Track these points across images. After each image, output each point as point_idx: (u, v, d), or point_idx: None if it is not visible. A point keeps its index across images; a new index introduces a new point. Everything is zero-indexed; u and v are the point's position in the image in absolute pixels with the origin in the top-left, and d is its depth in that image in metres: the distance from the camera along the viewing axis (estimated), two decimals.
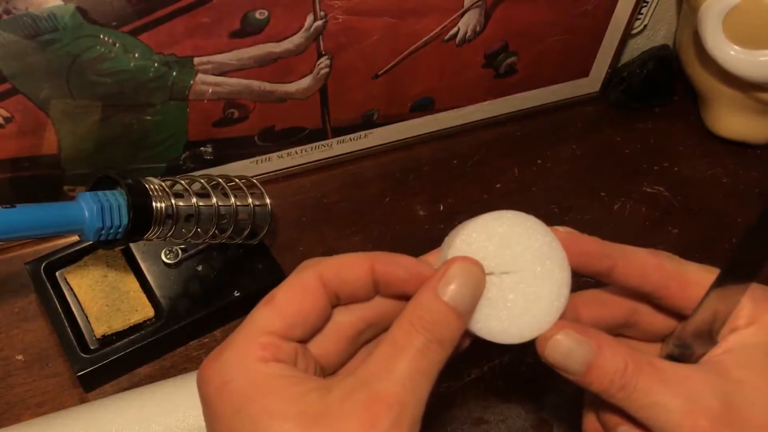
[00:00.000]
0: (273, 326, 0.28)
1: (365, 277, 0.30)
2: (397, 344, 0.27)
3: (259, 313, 0.28)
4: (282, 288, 0.29)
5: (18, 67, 0.45)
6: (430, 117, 0.64)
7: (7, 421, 0.46)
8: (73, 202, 0.40)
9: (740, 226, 0.62)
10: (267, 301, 0.29)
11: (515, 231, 0.29)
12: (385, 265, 0.30)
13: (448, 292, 0.28)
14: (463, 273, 0.28)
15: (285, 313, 0.28)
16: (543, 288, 0.29)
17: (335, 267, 0.29)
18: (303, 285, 0.29)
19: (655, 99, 0.71)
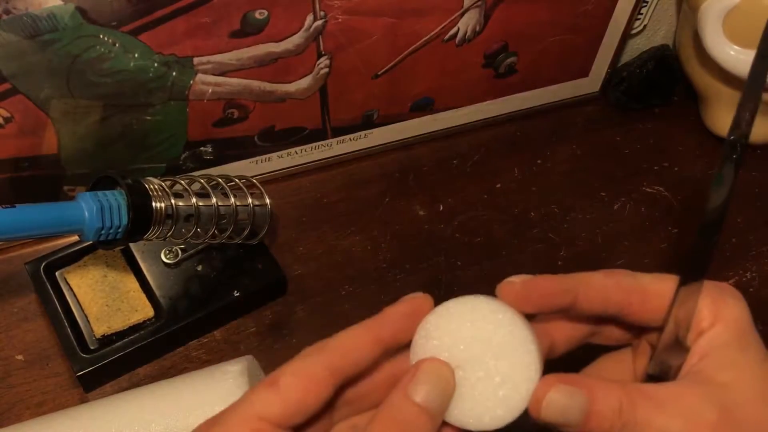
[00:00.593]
0: (270, 412, 0.27)
1: (374, 353, 0.29)
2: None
3: (258, 395, 0.27)
4: (287, 371, 0.27)
5: (18, 67, 0.45)
6: (430, 117, 0.64)
7: (7, 421, 0.46)
8: (73, 202, 0.40)
9: (740, 226, 0.62)
10: (270, 384, 0.27)
11: (477, 322, 0.30)
12: (391, 332, 0.30)
13: (418, 393, 0.28)
14: (431, 374, 0.28)
15: (288, 401, 0.27)
16: (513, 374, 0.29)
17: (341, 351, 0.28)
18: (309, 373, 0.27)
19: (655, 99, 0.71)
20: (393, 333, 0.30)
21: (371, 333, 0.29)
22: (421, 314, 0.30)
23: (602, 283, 0.32)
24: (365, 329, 0.29)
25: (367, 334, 0.29)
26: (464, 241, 0.58)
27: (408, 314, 0.30)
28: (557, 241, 0.59)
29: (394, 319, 0.30)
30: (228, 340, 0.51)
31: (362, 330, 0.29)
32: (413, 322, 0.30)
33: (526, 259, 0.58)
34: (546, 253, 0.58)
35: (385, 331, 0.29)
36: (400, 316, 0.30)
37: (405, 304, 0.30)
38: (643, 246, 0.60)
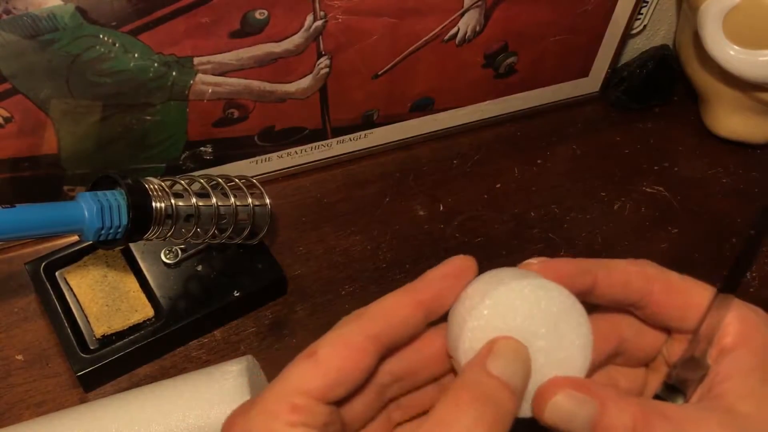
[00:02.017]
0: (311, 385, 0.25)
1: (415, 318, 0.27)
2: (442, 422, 0.24)
3: (297, 368, 0.26)
4: (325, 342, 0.26)
5: (18, 67, 0.45)
6: (430, 117, 0.64)
7: (7, 421, 0.46)
8: (73, 202, 0.40)
9: (740, 226, 0.62)
10: (308, 355, 0.26)
11: (529, 295, 0.28)
12: (432, 294, 0.28)
13: (498, 366, 0.26)
14: (510, 350, 0.27)
15: (328, 372, 0.25)
16: (569, 354, 0.28)
17: (381, 316, 0.27)
18: (349, 341, 0.26)
19: (655, 99, 0.71)
20: (435, 296, 0.28)
21: (411, 296, 0.28)
22: (465, 277, 0.28)
23: (625, 269, 0.30)
24: (405, 293, 0.28)
25: (407, 298, 0.28)
26: (464, 241, 0.58)
27: (450, 276, 0.28)
28: (557, 241, 0.59)
29: (436, 281, 0.28)
30: (228, 340, 0.51)
31: (402, 294, 0.28)
32: (456, 284, 0.28)
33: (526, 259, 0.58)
34: (546, 253, 0.58)
35: (426, 294, 0.28)
36: (441, 277, 0.28)
37: (447, 265, 0.29)
38: (643, 246, 0.60)
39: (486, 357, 0.26)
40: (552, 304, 0.28)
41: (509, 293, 0.27)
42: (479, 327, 0.27)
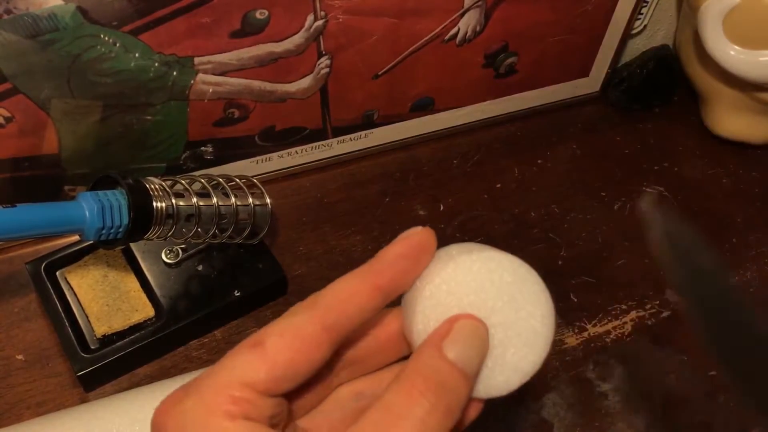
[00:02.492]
0: (255, 377, 0.23)
1: (373, 304, 0.26)
2: (393, 411, 0.23)
3: (241, 357, 0.24)
4: (274, 331, 0.24)
5: (18, 67, 0.45)
6: (430, 117, 0.64)
7: (7, 421, 0.46)
8: (74, 201, 0.40)
9: (740, 226, 0.62)
10: (254, 345, 0.24)
11: (492, 272, 0.27)
12: (390, 277, 0.26)
13: (453, 349, 0.25)
14: (468, 331, 0.26)
15: (275, 364, 0.23)
16: (530, 332, 0.27)
17: (336, 303, 0.25)
18: (301, 331, 0.24)
19: (655, 99, 0.71)
20: (393, 278, 0.26)
21: (369, 281, 0.26)
22: (425, 256, 0.27)
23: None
24: (362, 277, 0.26)
25: (364, 283, 0.26)
26: (464, 241, 0.58)
27: (409, 256, 0.26)
28: (557, 241, 0.59)
29: (395, 263, 0.26)
30: (228, 340, 0.51)
31: (359, 279, 0.26)
32: (416, 265, 0.27)
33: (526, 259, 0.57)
34: (546, 253, 0.58)
35: (385, 278, 0.26)
36: (400, 257, 0.26)
37: (405, 244, 0.26)
38: (643, 246, 0.60)
39: (442, 339, 0.25)
40: (505, 275, 0.27)
41: (458, 269, 0.26)
42: (431, 306, 0.26)
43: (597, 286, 0.57)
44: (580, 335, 0.53)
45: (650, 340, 0.54)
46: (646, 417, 0.49)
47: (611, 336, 0.54)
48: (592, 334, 0.53)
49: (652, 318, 0.55)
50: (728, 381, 0.26)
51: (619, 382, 0.51)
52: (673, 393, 0.51)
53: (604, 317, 0.55)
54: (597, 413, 0.49)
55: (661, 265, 0.26)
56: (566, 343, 0.53)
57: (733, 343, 0.26)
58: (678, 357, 0.53)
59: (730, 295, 0.26)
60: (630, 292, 0.56)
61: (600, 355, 0.52)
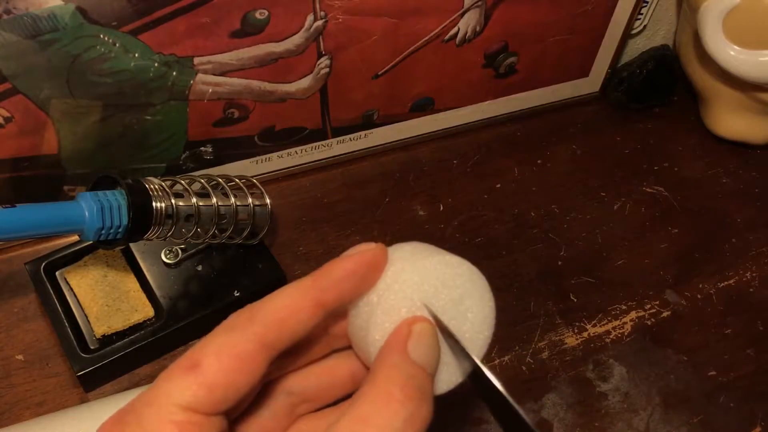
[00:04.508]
0: (193, 401, 0.22)
1: (314, 320, 0.25)
2: (370, 422, 0.23)
3: (177, 382, 0.23)
4: (210, 350, 0.23)
5: (18, 67, 0.45)
6: (430, 117, 0.64)
7: (7, 421, 0.46)
8: (73, 202, 0.40)
9: (740, 226, 0.62)
10: (189, 368, 0.23)
11: (440, 272, 0.27)
12: (336, 296, 0.25)
13: (418, 353, 0.25)
14: (428, 334, 0.26)
15: (213, 386, 0.23)
16: (476, 326, 0.28)
17: (275, 320, 0.24)
18: (237, 350, 0.23)
19: (655, 99, 0.71)
20: (337, 296, 0.25)
21: (310, 296, 0.25)
22: (374, 272, 0.26)
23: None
24: (303, 293, 0.25)
25: (305, 299, 0.25)
26: (464, 241, 0.58)
27: (357, 275, 0.26)
28: (557, 241, 0.59)
29: (340, 280, 0.26)
30: None
31: (299, 294, 0.25)
32: (363, 285, 0.26)
33: (526, 259, 0.58)
34: (546, 253, 0.58)
35: (330, 296, 0.25)
36: (347, 275, 0.26)
37: (354, 260, 0.26)
38: (643, 246, 0.60)
39: (405, 342, 0.25)
40: (458, 281, 0.27)
41: (416, 273, 0.27)
42: (388, 311, 0.26)
43: (597, 286, 0.57)
44: (580, 335, 0.53)
45: (650, 340, 0.54)
46: (646, 417, 0.49)
47: (611, 336, 0.54)
48: (591, 334, 0.53)
49: (652, 318, 0.55)
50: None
51: (619, 382, 0.51)
52: (673, 393, 0.51)
53: (603, 317, 0.55)
54: (597, 413, 0.49)
55: None
56: (566, 343, 0.53)
57: None
58: (678, 357, 0.53)
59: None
60: (630, 292, 0.56)
61: (600, 355, 0.52)
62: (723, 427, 0.49)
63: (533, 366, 0.51)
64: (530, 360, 0.51)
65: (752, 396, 0.51)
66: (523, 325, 0.53)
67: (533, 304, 0.55)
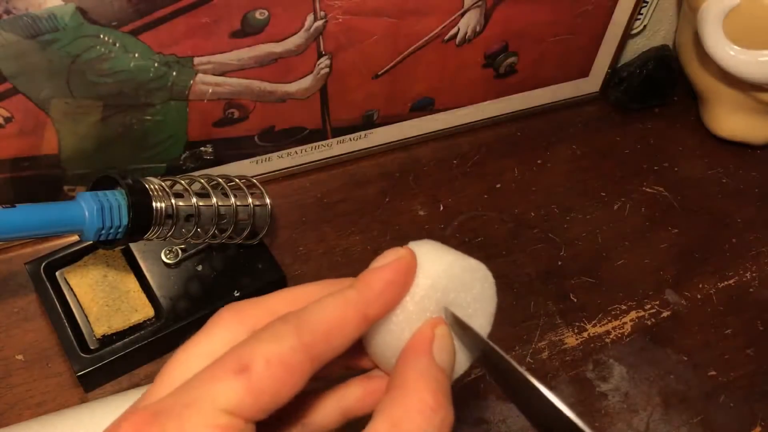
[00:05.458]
0: (241, 406, 0.22)
1: (358, 333, 0.25)
2: (402, 428, 0.23)
3: (225, 384, 0.22)
4: (260, 355, 0.22)
5: (18, 67, 0.45)
6: (430, 117, 0.64)
7: (7, 421, 0.46)
8: (73, 202, 0.40)
9: (740, 226, 0.62)
10: (238, 371, 0.22)
11: (460, 277, 0.28)
12: (381, 308, 0.25)
13: (441, 357, 0.25)
14: (448, 339, 0.26)
15: (261, 394, 0.22)
16: (482, 319, 0.29)
17: (324, 333, 0.24)
18: (287, 360, 0.23)
19: (655, 99, 0.71)
20: (381, 308, 0.25)
21: (358, 310, 0.24)
22: (410, 278, 0.26)
23: None
24: (351, 305, 0.24)
25: (354, 312, 0.24)
26: (464, 241, 0.58)
27: (396, 283, 0.26)
28: (557, 241, 0.59)
29: (383, 292, 0.25)
30: None
31: (347, 306, 0.24)
32: (403, 290, 0.26)
33: (526, 259, 0.58)
34: (546, 253, 0.58)
35: (374, 308, 0.25)
36: (387, 285, 0.26)
37: (391, 269, 0.26)
38: (643, 246, 0.60)
39: (430, 345, 0.25)
40: (476, 284, 0.29)
41: (446, 278, 0.27)
42: (420, 315, 0.27)
43: (597, 286, 0.57)
44: (580, 335, 0.53)
45: (650, 340, 0.54)
46: (646, 417, 0.49)
47: (611, 336, 0.54)
48: (591, 334, 0.53)
49: (652, 318, 0.55)
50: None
51: (619, 382, 0.51)
52: (673, 393, 0.51)
53: (603, 317, 0.55)
54: (597, 413, 0.49)
55: None
56: (566, 343, 0.53)
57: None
58: (678, 357, 0.53)
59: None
60: (630, 292, 0.56)
61: (600, 355, 0.52)
62: (723, 427, 0.49)
63: (533, 366, 0.51)
64: (530, 360, 0.51)
65: (752, 396, 0.51)
66: (523, 325, 0.53)
67: (533, 304, 0.55)
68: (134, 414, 0.22)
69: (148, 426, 0.22)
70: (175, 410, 0.22)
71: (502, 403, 0.49)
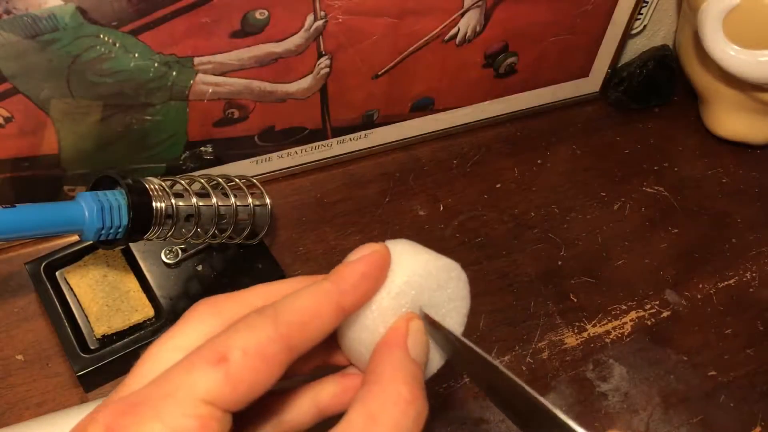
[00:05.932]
0: (218, 396, 0.22)
1: (333, 324, 0.25)
2: (379, 421, 0.23)
3: (202, 375, 0.22)
4: (237, 345, 0.22)
5: (18, 67, 0.45)
6: (430, 117, 0.64)
7: (7, 421, 0.46)
8: (73, 202, 0.40)
9: (740, 226, 0.62)
10: (216, 361, 0.22)
11: (436, 276, 0.28)
12: (356, 300, 0.25)
13: (415, 351, 0.26)
14: (421, 332, 0.27)
15: (238, 384, 0.22)
16: (454, 317, 0.30)
17: (300, 323, 0.24)
18: (264, 351, 0.23)
19: (655, 99, 0.71)
20: (356, 300, 0.26)
21: (333, 301, 0.25)
22: (383, 273, 0.26)
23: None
24: (326, 296, 0.24)
25: (328, 303, 0.24)
26: (464, 241, 0.58)
27: (370, 276, 0.26)
28: (557, 241, 0.59)
29: (357, 284, 0.26)
30: None
31: (322, 297, 0.24)
32: (376, 285, 0.26)
33: (526, 259, 0.58)
34: (546, 253, 0.58)
35: (348, 299, 0.25)
36: (362, 278, 0.26)
37: (366, 262, 0.26)
38: (643, 246, 0.60)
39: (405, 339, 0.26)
40: (450, 283, 0.29)
41: (422, 276, 0.28)
42: (395, 311, 0.27)
43: (597, 286, 0.57)
44: (580, 335, 0.53)
45: (650, 340, 0.54)
46: (646, 417, 0.49)
47: (611, 336, 0.54)
48: (591, 334, 0.53)
49: (652, 318, 0.55)
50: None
51: (619, 382, 0.51)
52: (673, 393, 0.51)
53: (603, 317, 0.55)
54: (597, 413, 0.49)
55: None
56: (566, 343, 0.53)
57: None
58: (678, 357, 0.53)
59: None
60: (630, 292, 0.56)
61: (600, 355, 0.52)
62: (723, 427, 0.49)
63: (533, 366, 0.51)
64: (530, 360, 0.51)
65: (752, 396, 0.51)
66: (523, 325, 0.53)
67: (533, 304, 0.55)
68: (109, 406, 0.22)
69: (123, 417, 0.21)
70: (152, 400, 0.22)
71: None
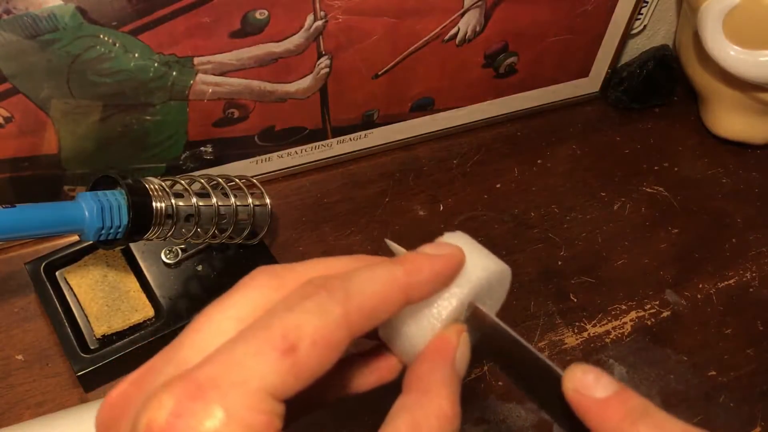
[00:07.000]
0: (283, 387, 0.20)
1: (395, 312, 0.24)
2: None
3: (271, 365, 0.20)
4: (307, 335, 0.21)
5: (18, 67, 0.45)
6: (430, 117, 0.64)
7: (7, 421, 0.46)
8: (73, 202, 0.40)
9: (740, 226, 0.62)
10: (286, 351, 0.20)
11: (489, 277, 0.28)
12: (423, 293, 0.25)
13: (461, 365, 0.26)
14: (468, 345, 0.26)
15: (301, 374, 0.21)
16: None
17: (370, 307, 0.22)
18: (332, 339, 0.21)
19: (655, 99, 0.71)
20: (423, 294, 0.25)
21: (403, 291, 0.24)
22: (453, 278, 0.26)
23: None
24: (398, 286, 0.23)
25: (398, 292, 0.23)
26: None
27: (444, 275, 0.26)
28: (557, 241, 0.59)
29: (430, 280, 0.25)
30: None
31: (394, 285, 0.23)
32: (443, 286, 0.26)
33: (526, 259, 0.58)
34: (546, 253, 0.58)
35: (416, 293, 0.24)
36: (435, 276, 0.25)
37: (442, 261, 0.25)
38: (643, 246, 0.60)
39: (455, 352, 0.25)
40: (502, 287, 0.29)
41: (485, 279, 0.27)
42: (457, 313, 0.27)
43: (597, 286, 0.57)
44: (580, 335, 0.53)
45: (650, 340, 0.54)
46: None
47: (611, 336, 0.54)
48: (591, 334, 0.53)
49: (652, 318, 0.55)
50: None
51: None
52: (673, 393, 0.51)
53: (603, 317, 0.55)
54: None
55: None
56: (566, 343, 0.53)
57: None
58: (678, 357, 0.53)
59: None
60: (630, 292, 0.56)
61: (600, 355, 0.52)
62: (723, 427, 0.49)
63: None
64: None
65: (752, 396, 0.51)
66: (523, 325, 0.53)
67: (533, 304, 0.55)
68: (174, 385, 0.21)
69: (192, 401, 0.20)
70: (222, 387, 0.20)
71: (502, 403, 0.49)
